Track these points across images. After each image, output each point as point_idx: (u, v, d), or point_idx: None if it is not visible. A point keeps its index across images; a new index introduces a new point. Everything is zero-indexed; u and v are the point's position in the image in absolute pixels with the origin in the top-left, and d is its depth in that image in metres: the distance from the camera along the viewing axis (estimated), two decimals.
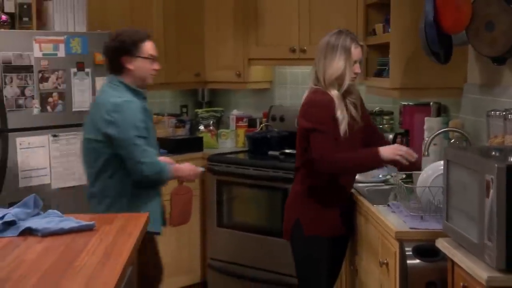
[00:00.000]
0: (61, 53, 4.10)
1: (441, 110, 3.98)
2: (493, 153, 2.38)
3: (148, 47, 3.57)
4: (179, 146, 5.04)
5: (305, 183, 3.31)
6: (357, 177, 3.58)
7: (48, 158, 4.06)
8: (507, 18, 2.96)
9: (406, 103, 4.24)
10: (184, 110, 5.77)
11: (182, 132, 5.38)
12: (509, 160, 2.15)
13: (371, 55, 4.39)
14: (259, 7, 5.09)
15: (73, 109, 4.15)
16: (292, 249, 3.39)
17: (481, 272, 2.10)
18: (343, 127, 3.17)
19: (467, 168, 2.28)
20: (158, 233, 3.62)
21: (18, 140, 3.93)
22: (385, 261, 2.83)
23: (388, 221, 2.82)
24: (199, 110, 5.63)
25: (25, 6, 4.15)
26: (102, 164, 3.42)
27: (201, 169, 3.70)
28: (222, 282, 4.94)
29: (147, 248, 3.47)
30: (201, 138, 5.23)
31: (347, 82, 3.23)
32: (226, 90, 5.69)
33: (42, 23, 4.28)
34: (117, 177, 3.43)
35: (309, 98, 3.28)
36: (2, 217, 2.58)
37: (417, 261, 2.62)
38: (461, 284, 2.29)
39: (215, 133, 5.41)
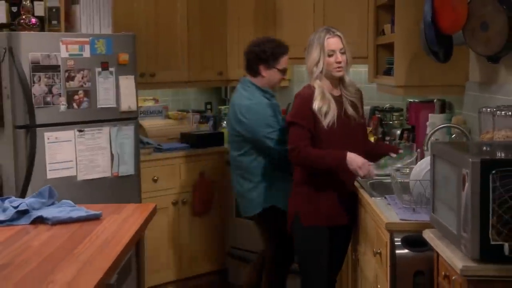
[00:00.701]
0: (87, 53, 4.16)
1: (446, 107, 3.95)
2: (477, 148, 2.36)
3: (285, 61, 3.92)
4: (200, 140, 5.08)
5: (302, 175, 3.33)
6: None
7: (74, 151, 4.13)
8: (500, 19, 2.93)
9: (412, 100, 4.21)
10: (209, 106, 5.81)
11: (205, 128, 5.43)
12: (485, 155, 2.14)
13: (381, 54, 4.38)
14: (277, 9, 5.11)
15: (98, 106, 4.22)
16: (294, 241, 3.41)
17: (457, 261, 2.10)
18: (327, 120, 3.21)
19: (449, 163, 2.27)
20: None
21: (46, 134, 4.01)
22: (379, 251, 2.83)
23: (381, 212, 2.81)
24: (222, 107, 5.66)
25: (54, 10, 4.22)
26: (244, 151, 3.87)
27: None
28: (241, 269, 4.98)
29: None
30: (222, 133, 5.26)
31: (323, 70, 3.27)
32: None
33: (70, 26, 4.36)
34: (257, 162, 3.85)
35: (297, 93, 3.38)
36: (17, 207, 2.65)
37: (406, 251, 2.62)
38: (443, 273, 2.29)
39: None
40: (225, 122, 5.49)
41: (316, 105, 3.23)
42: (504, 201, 2.01)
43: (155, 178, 4.73)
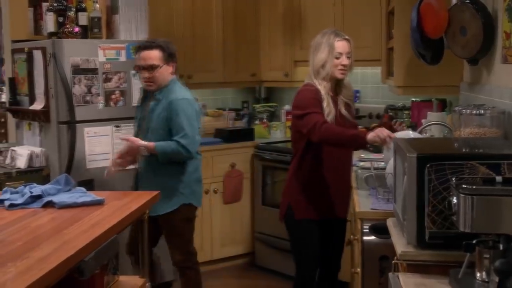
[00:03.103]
0: (123, 58, 4.29)
1: (446, 106, 3.88)
2: (429, 144, 2.33)
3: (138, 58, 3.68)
4: (233, 135, 5.15)
5: (296, 170, 3.27)
6: (362, 163, 3.55)
7: (110, 145, 4.27)
8: (476, 24, 2.86)
9: (414, 99, 4.15)
10: (245, 105, 5.87)
11: (240, 124, 5.49)
12: (428, 150, 2.11)
13: (391, 56, 4.32)
14: (302, 15, 5.11)
15: (132, 104, 4.33)
16: (287, 230, 3.36)
17: (398, 247, 2.09)
18: (328, 120, 3.14)
19: (400, 157, 2.26)
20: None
21: (86, 129, 4.17)
22: (356, 238, 2.83)
23: (358, 202, 2.81)
24: (256, 105, 5.71)
25: (96, 19, 4.37)
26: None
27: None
28: (267, 252, 5.03)
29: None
30: (253, 129, 5.32)
31: (329, 71, 3.19)
32: (280, 88, 5.74)
33: (111, 33, 4.50)
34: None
35: (299, 90, 3.29)
36: (32, 192, 2.79)
37: (372, 237, 2.61)
38: (395, 258, 2.28)
39: (268, 125, 5.48)
40: (257, 119, 5.55)
41: (325, 104, 3.21)
42: (438, 193, 1.98)
43: None
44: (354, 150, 3.43)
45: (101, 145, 4.24)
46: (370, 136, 2.91)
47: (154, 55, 3.55)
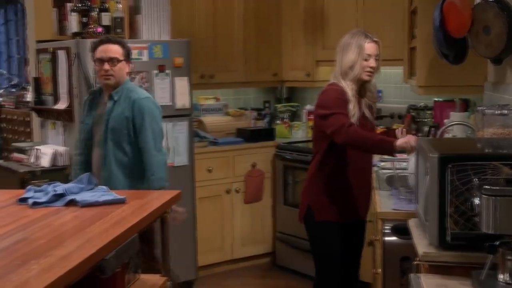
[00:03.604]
0: (145, 57, 4.32)
1: (469, 106, 3.84)
2: (452, 144, 2.31)
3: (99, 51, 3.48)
4: (254, 135, 5.16)
5: (317, 171, 3.22)
6: (383, 164, 3.52)
7: None
8: (500, 23, 2.82)
9: (437, 99, 4.11)
10: (267, 105, 5.87)
11: (261, 124, 5.49)
12: (450, 150, 2.09)
13: (413, 56, 4.29)
14: (324, 15, 5.10)
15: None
16: (306, 231, 3.33)
17: (420, 247, 2.08)
18: (352, 121, 3.11)
19: (422, 157, 2.24)
20: None
21: None
22: (377, 238, 2.81)
23: (379, 203, 2.79)
24: (278, 105, 5.71)
25: (118, 20, 4.40)
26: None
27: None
28: (288, 252, 5.02)
29: None
30: (274, 128, 5.32)
31: (357, 73, 3.16)
32: (302, 88, 5.73)
33: (134, 33, 4.53)
34: None
35: (325, 89, 3.24)
36: (55, 191, 2.81)
37: (393, 238, 2.59)
38: (417, 258, 2.26)
39: (289, 125, 5.47)
40: (278, 119, 5.55)
41: (351, 106, 3.17)
42: (461, 193, 1.96)
43: (210, 168, 4.84)
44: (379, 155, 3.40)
45: None
46: (400, 142, 2.88)
47: (115, 49, 3.44)
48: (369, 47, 3.19)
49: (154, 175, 3.40)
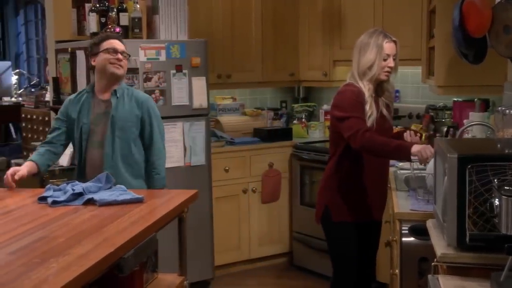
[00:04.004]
0: (163, 57, 4.33)
1: (489, 106, 3.81)
2: (471, 144, 2.29)
3: (107, 43, 3.37)
4: (271, 135, 5.15)
5: (334, 172, 3.21)
6: (401, 164, 3.51)
7: None
8: None
9: (456, 99, 4.08)
10: (284, 105, 5.87)
11: (278, 124, 5.48)
12: (469, 151, 2.08)
13: (432, 56, 4.26)
14: (342, 15, 5.08)
15: (172, 104, 4.38)
16: (324, 232, 3.32)
17: (438, 248, 2.06)
18: (369, 122, 3.09)
19: (440, 158, 2.23)
20: None
21: None
22: (394, 239, 2.80)
23: (397, 203, 2.78)
24: (295, 105, 5.70)
25: (136, 20, 4.42)
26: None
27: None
28: (305, 252, 5.01)
29: None
30: (291, 128, 5.31)
31: (376, 73, 3.14)
32: (319, 88, 5.72)
33: (151, 33, 4.55)
34: None
35: (341, 90, 3.21)
36: (74, 190, 2.83)
37: (411, 239, 2.58)
38: (435, 260, 2.24)
39: (306, 125, 5.47)
40: (295, 119, 5.55)
41: (367, 107, 3.14)
42: (480, 194, 1.94)
43: (227, 168, 4.85)
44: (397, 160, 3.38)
45: None
46: (415, 150, 2.88)
47: (124, 46, 3.41)
48: (388, 46, 3.17)
49: (160, 174, 3.41)
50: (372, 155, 3.10)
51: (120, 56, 3.34)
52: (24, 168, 3.19)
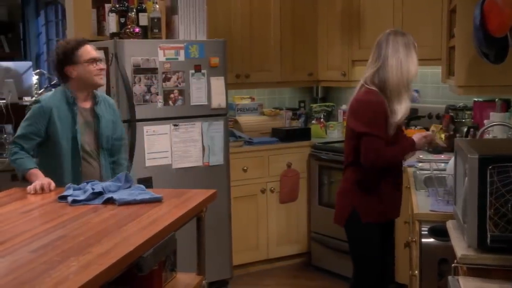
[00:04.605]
0: (182, 57, 4.34)
1: (510, 106, 3.77)
2: (491, 145, 2.27)
3: (85, 51, 3.29)
4: (289, 135, 5.14)
5: (357, 176, 3.16)
6: (420, 164, 3.50)
7: (169, 143, 4.33)
8: None
9: (476, 99, 4.04)
10: (302, 105, 5.86)
11: (296, 124, 5.47)
12: (490, 151, 2.06)
13: (452, 55, 4.23)
14: (361, 15, 5.06)
15: (191, 103, 4.39)
16: (347, 234, 3.28)
17: (459, 250, 2.04)
18: (390, 130, 3.07)
19: (461, 158, 2.21)
20: None
21: (145, 128, 4.24)
22: (414, 240, 2.78)
23: (416, 204, 2.76)
24: (314, 105, 5.69)
25: (155, 20, 4.44)
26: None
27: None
28: (323, 253, 4.99)
29: None
30: (309, 128, 5.30)
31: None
32: (337, 88, 5.70)
33: (170, 33, 4.56)
34: None
35: (362, 98, 3.10)
36: (94, 189, 2.85)
37: (431, 240, 2.56)
38: (455, 261, 2.23)
39: (324, 125, 5.45)
40: (314, 119, 5.53)
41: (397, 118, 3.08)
42: (501, 195, 1.93)
43: (245, 168, 4.85)
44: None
45: (160, 143, 4.30)
46: (418, 140, 3.14)
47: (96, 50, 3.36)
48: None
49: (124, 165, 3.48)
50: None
51: (102, 65, 3.32)
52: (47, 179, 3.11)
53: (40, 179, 3.06)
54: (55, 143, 3.24)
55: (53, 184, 3.06)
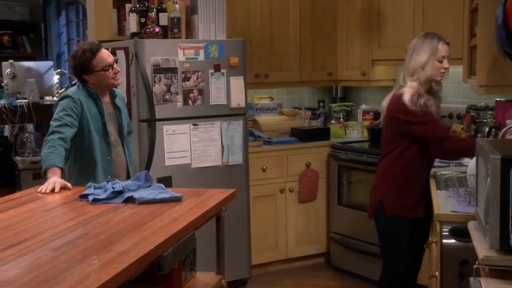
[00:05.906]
0: (201, 57, 4.36)
1: None
2: None
3: (100, 59, 3.43)
4: (308, 135, 5.14)
5: (389, 168, 3.27)
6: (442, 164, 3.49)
7: (189, 142, 4.34)
8: None
9: (499, 99, 4.00)
10: (321, 104, 5.84)
11: (316, 124, 5.46)
12: (509, 152, 2.03)
13: (473, 55, 4.19)
14: (381, 14, 5.03)
15: (210, 103, 4.40)
16: (375, 226, 3.37)
17: (480, 251, 2.02)
18: None
19: (483, 159, 2.19)
20: None
21: (165, 127, 4.25)
22: (434, 240, 2.76)
23: (437, 204, 2.74)
24: (333, 105, 5.67)
25: (175, 20, 4.45)
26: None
27: None
28: (343, 253, 4.98)
29: None
30: (328, 128, 5.29)
31: (429, 73, 3.21)
32: (357, 87, 5.68)
33: (190, 33, 4.57)
34: None
35: (398, 94, 3.26)
36: (114, 188, 2.87)
37: (452, 240, 2.54)
38: (477, 262, 2.20)
39: (344, 125, 5.43)
40: (333, 119, 5.52)
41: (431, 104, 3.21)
42: None
43: (264, 167, 4.85)
44: None
45: (179, 142, 4.31)
46: None
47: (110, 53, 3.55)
48: (444, 49, 3.28)
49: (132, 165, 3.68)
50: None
51: (117, 68, 3.52)
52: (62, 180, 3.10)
53: (53, 178, 3.06)
54: (87, 134, 3.41)
55: (68, 185, 3.08)
